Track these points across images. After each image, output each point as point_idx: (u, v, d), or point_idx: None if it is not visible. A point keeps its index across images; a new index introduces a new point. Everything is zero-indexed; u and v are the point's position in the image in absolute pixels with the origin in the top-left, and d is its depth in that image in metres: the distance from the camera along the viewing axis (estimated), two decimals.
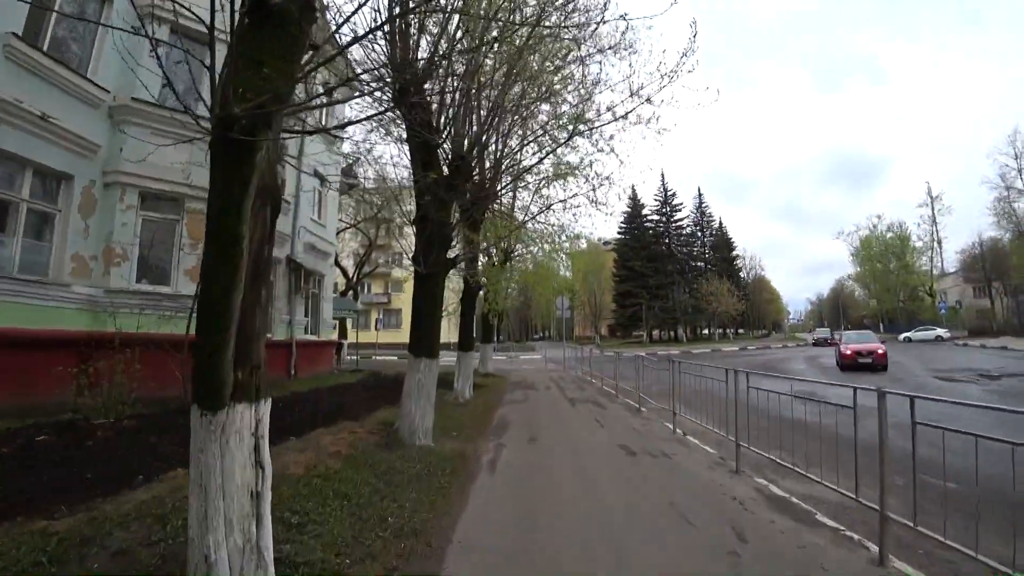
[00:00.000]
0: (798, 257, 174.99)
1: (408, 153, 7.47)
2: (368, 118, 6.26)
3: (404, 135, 7.33)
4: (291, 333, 16.05)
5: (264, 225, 2.87)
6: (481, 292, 18.24)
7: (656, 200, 65.49)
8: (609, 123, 9.83)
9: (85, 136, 9.58)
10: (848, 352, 18.84)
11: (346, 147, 20.76)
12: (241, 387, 2.71)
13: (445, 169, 7.25)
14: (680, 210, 65.90)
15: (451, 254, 7.80)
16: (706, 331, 68.62)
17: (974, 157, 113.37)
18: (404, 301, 50.27)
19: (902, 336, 42.65)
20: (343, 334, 27.98)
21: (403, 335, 48.28)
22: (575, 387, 14.58)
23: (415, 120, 6.58)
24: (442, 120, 6.98)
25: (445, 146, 7.93)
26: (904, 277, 62.15)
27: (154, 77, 11.21)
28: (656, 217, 65.36)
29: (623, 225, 63.99)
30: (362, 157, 11.11)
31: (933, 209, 57.58)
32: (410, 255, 7.10)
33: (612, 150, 10.40)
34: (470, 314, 12.00)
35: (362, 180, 21.87)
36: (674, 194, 65.19)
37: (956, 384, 13.68)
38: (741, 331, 78.76)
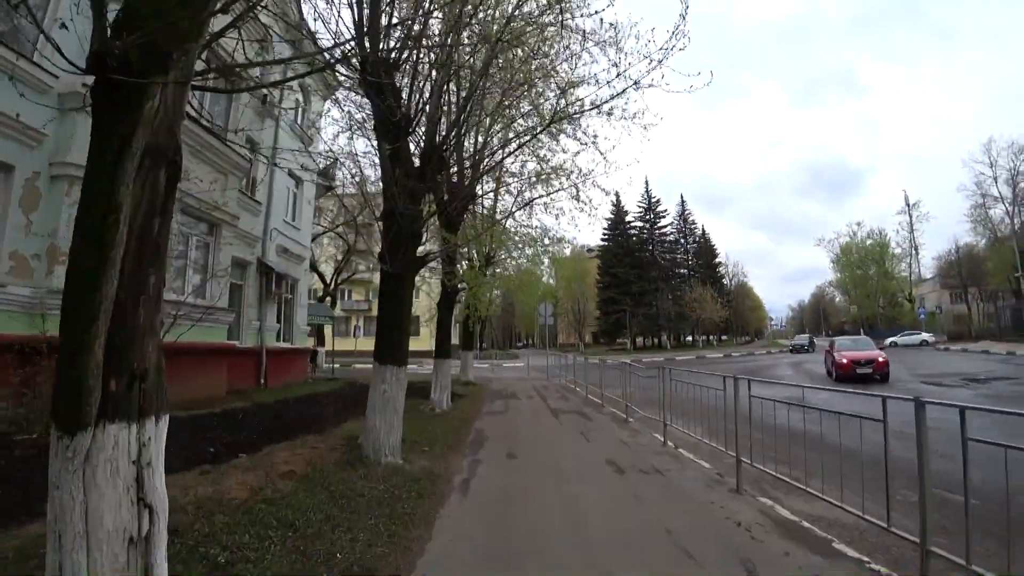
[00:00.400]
0: (779, 265, 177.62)
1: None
2: (306, 74, 5.61)
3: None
4: (261, 340, 15.25)
5: (155, 194, 2.23)
6: (461, 297, 17.65)
7: (640, 207, 65.56)
8: (593, 114, 9.36)
9: (28, 124, 8.82)
10: (845, 361, 16.60)
11: (322, 147, 20.14)
12: (115, 401, 2.06)
13: (416, 161, 6.65)
14: (664, 217, 66.07)
15: (423, 252, 7.18)
16: (689, 338, 68.60)
17: (950, 166, 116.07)
18: None
19: (887, 341, 42.70)
20: (320, 341, 27.11)
21: None
22: (559, 396, 13.98)
23: (381, 104, 5.99)
24: (413, 105, 6.38)
25: (418, 133, 7.34)
26: (883, 283, 62.81)
27: None
28: (640, 224, 65.40)
29: (607, 231, 63.83)
30: (338, 158, 10.49)
31: (911, 216, 58.28)
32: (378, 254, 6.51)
33: (595, 144, 9.93)
34: (448, 320, 11.37)
35: (340, 183, 21.18)
36: (658, 201, 65.36)
37: (946, 389, 13.34)
38: (724, 338, 79.03)
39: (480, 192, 13.66)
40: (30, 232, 8.87)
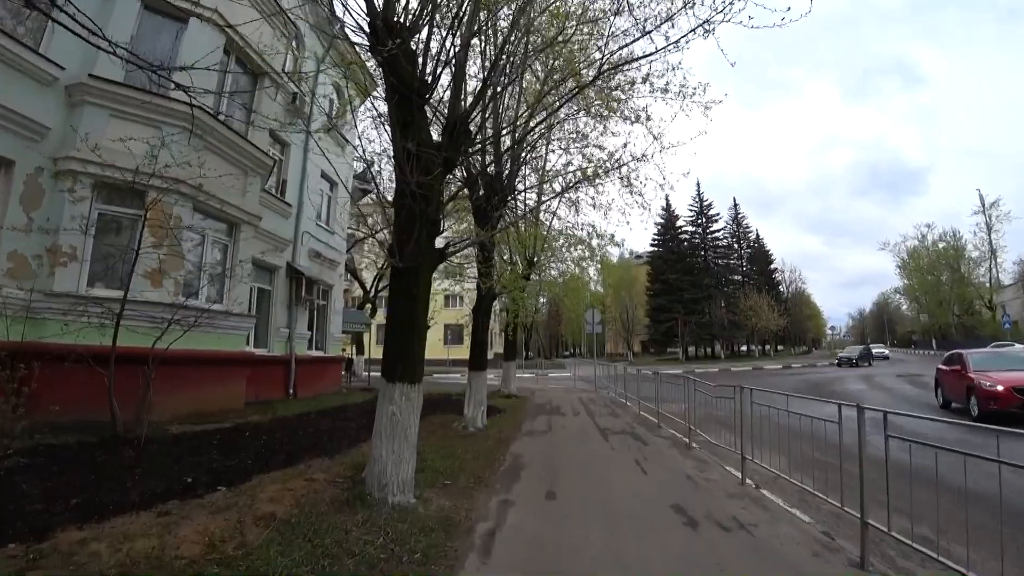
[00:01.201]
0: (835, 271, 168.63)
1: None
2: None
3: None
4: (290, 348, 14.50)
5: None
6: (502, 303, 16.46)
7: (691, 211, 62.99)
8: (646, 90, 8.03)
9: (31, 117, 8.23)
10: (1000, 390, 10.27)
11: (358, 146, 19.48)
12: None
13: (436, 135, 5.51)
14: (716, 221, 63.21)
15: (445, 242, 6.02)
16: (744, 348, 65.18)
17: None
18: (430, 318, 48.72)
19: None
20: (360, 349, 26.49)
21: (429, 351, 46.85)
22: (608, 412, 12.54)
23: (392, 73, 4.90)
24: (430, 71, 5.25)
25: (440, 107, 6.21)
26: (959, 290, 57.93)
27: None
28: (691, 228, 62.80)
29: (656, 237, 61.61)
30: (371, 159, 9.56)
31: (987, 216, 53.51)
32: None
33: (647, 122, 8.60)
34: (483, 327, 10.17)
35: (377, 186, 20.46)
36: (710, 204, 62.59)
37: None
38: (780, 348, 74.79)
39: (521, 187, 12.48)
40: (31, 231, 8.25)
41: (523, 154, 10.50)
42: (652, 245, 61.72)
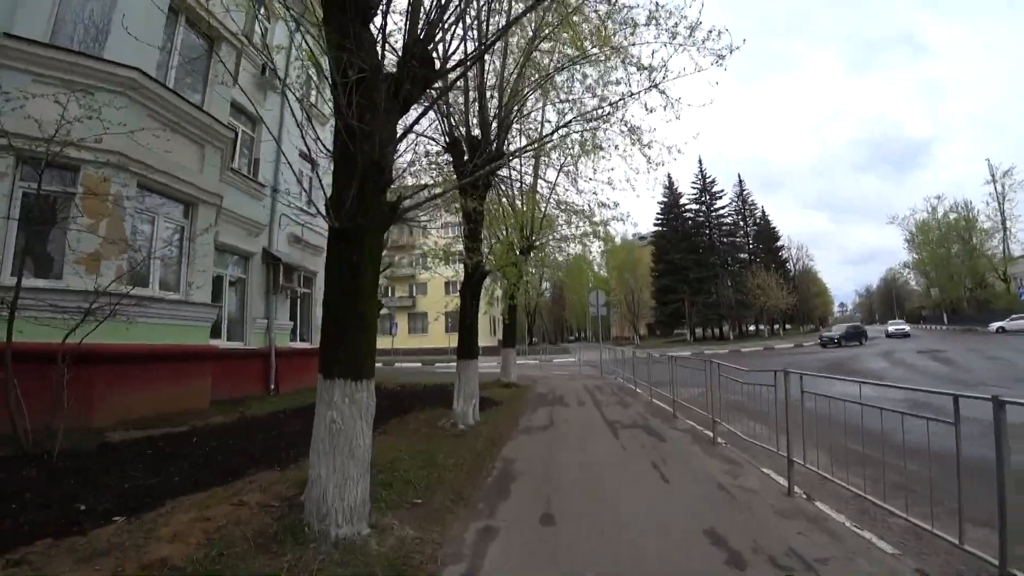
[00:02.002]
0: (839, 247, 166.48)
1: None
2: None
3: None
4: (270, 340, 13.36)
5: None
6: (497, 285, 15.23)
7: (694, 188, 61.35)
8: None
9: None
10: None
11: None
12: None
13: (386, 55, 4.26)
14: (720, 198, 61.52)
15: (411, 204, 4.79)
16: (752, 327, 63.83)
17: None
18: (429, 304, 47.73)
19: (993, 326, 37.56)
20: None
21: (429, 339, 45.81)
22: (616, 401, 11.35)
23: None
24: None
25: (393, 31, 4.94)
26: (971, 262, 56.26)
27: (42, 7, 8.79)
28: (695, 206, 61.16)
29: (660, 216, 60.13)
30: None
31: (999, 186, 51.62)
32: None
33: (654, 68, 7.32)
34: (472, 310, 8.95)
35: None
36: (713, 181, 60.89)
37: None
38: (788, 327, 73.30)
39: (513, 149, 11.21)
40: None
41: (513, 109, 9.21)
42: (656, 224, 60.29)
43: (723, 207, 61.94)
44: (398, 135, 4.14)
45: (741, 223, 64.06)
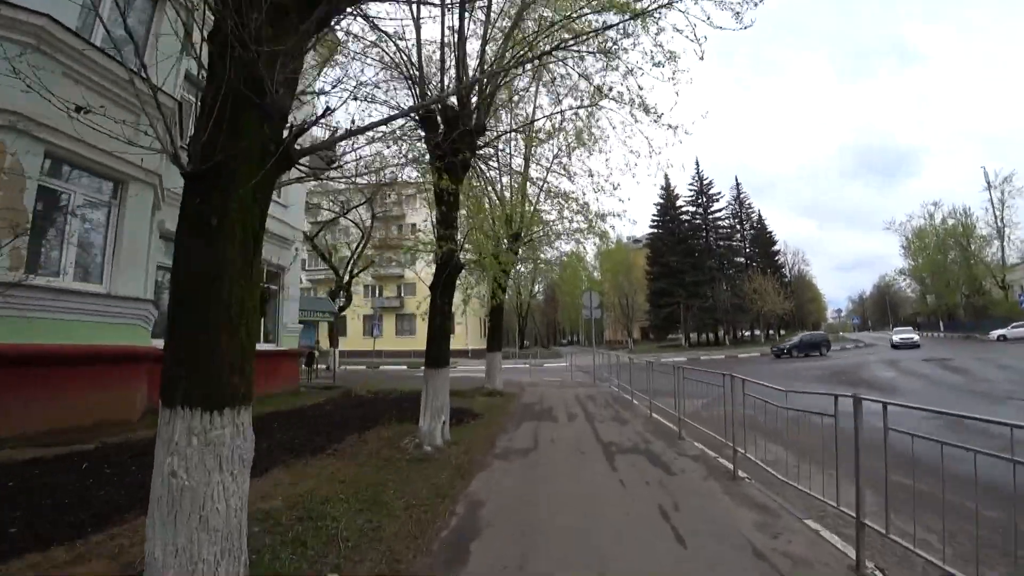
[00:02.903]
0: (830, 255, 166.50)
1: None
2: None
3: None
4: None
5: None
6: (477, 282, 13.91)
7: (691, 190, 60.12)
8: None
9: None
10: None
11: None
12: None
13: None
14: (717, 200, 60.25)
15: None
16: (748, 333, 62.73)
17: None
18: (417, 305, 46.27)
19: (994, 334, 36.62)
20: (333, 341, 23.93)
21: (417, 342, 44.25)
22: (611, 416, 10.04)
23: None
24: None
25: None
26: (968, 269, 55.52)
27: None
28: (692, 208, 59.90)
29: (656, 217, 58.94)
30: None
31: (999, 192, 50.92)
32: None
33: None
34: (444, 308, 7.59)
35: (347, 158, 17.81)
36: (710, 183, 59.66)
37: None
38: (783, 332, 72.17)
39: (503, 129, 9.92)
40: None
41: (498, 80, 7.92)
42: (651, 226, 59.05)
43: (720, 210, 60.80)
44: (307, 42, 2.80)
45: (738, 226, 62.97)
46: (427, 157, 7.81)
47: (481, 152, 8.74)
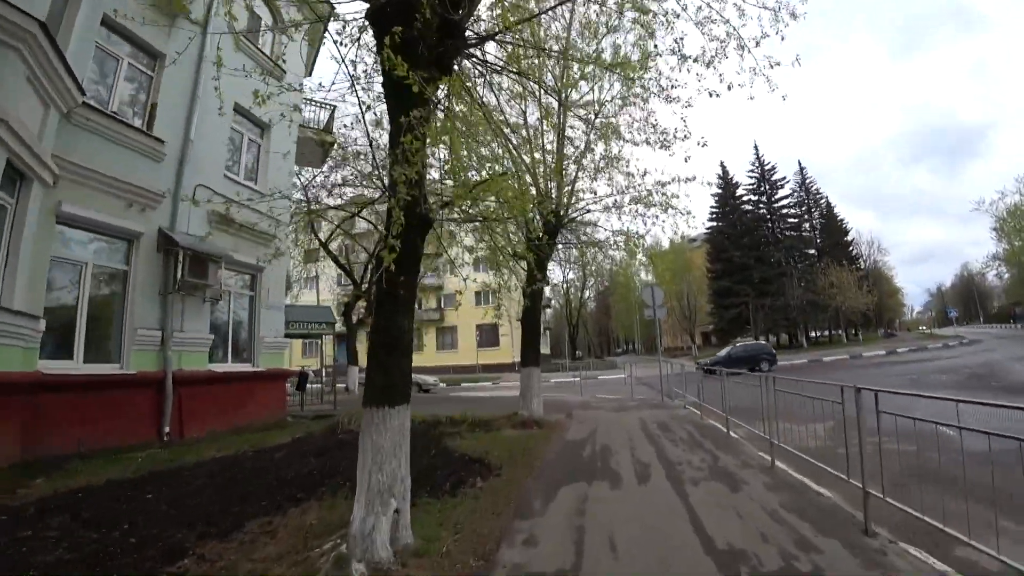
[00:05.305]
0: (893, 246, 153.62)
1: None
2: None
3: None
4: (164, 361, 8.98)
5: None
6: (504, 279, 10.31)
7: (751, 177, 54.71)
8: None
9: None
10: None
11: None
12: None
13: None
14: (781, 187, 54.47)
15: None
16: (824, 333, 56.16)
17: None
18: (458, 317, 43.26)
19: None
20: (352, 358, 20.79)
21: (460, 356, 41.02)
22: (705, 463, 6.30)
23: None
24: None
25: None
26: None
27: None
28: (753, 198, 54.42)
29: (715, 208, 53.82)
30: None
31: None
32: None
33: None
34: (402, 295, 4.08)
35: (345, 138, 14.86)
36: (773, 168, 54.06)
37: None
38: (854, 332, 64.57)
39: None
40: None
41: None
42: (710, 218, 53.83)
43: (784, 198, 54.98)
44: None
45: (806, 215, 56.88)
46: None
47: (475, 53, 5.20)
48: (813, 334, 55.03)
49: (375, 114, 4.17)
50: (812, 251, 54.61)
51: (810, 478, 5.22)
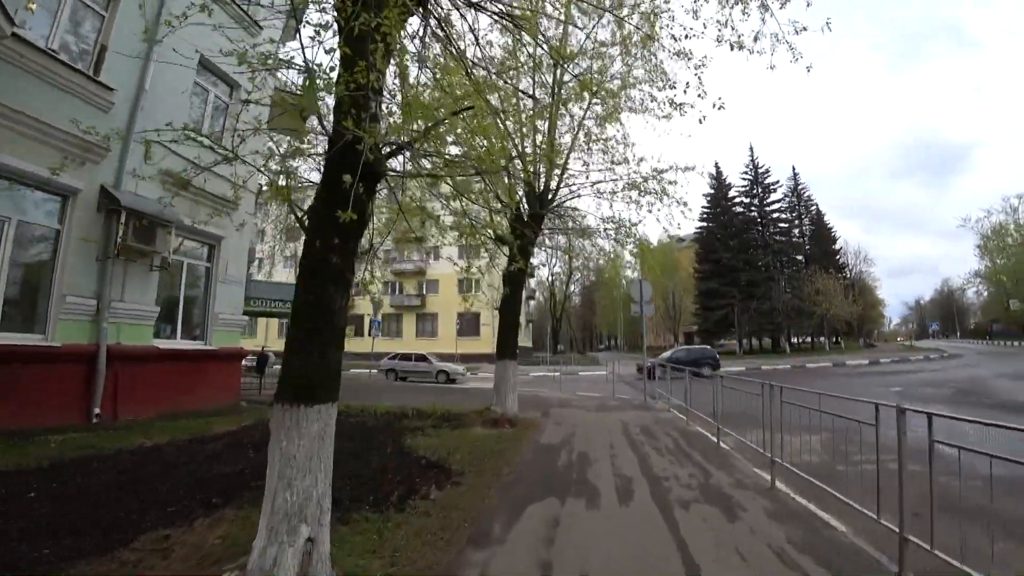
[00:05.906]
0: (878, 259, 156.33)
1: None
2: None
3: None
4: (98, 334, 8.02)
5: None
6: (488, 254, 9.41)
7: (744, 179, 54.29)
8: None
9: None
10: None
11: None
12: None
13: None
14: (773, 191, 54.10)
15: None
16: (807, 339, 56.11)
17: None
18: (440, 304, 42.37)
19: None
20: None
21: (440, 344, 40.15)
22: (695, 480, 5.56)
23: None
24: None
25: None
26: None
27: None
28: (746, 200, 53.99)
29: (706, 208, 53.28)
30: None
31: None
32: None
33: None
34: (333, 264, 3.23)
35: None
36: (766, 171, 53.64)
37: None
38: (836, 340, 64.58)
39: None
40: None
41: None
42: (701, 219, 53.25)
43: (776, 202, 54.67)
44: None
45: (796, 221, 56.69)
46: None
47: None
48: (795, 340, 54.95)
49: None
50: (800, 257, 54.49)
51: (814, 502, 4.51)
